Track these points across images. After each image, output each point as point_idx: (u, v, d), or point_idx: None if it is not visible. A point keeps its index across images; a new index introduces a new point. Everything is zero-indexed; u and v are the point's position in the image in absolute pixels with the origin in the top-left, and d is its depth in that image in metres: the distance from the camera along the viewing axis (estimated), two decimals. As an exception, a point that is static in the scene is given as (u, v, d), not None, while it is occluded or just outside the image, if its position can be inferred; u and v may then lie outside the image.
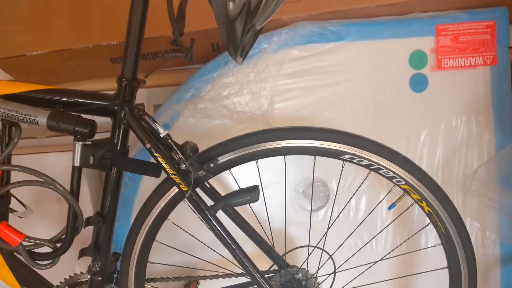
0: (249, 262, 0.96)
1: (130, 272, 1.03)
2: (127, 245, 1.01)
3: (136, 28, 0.89)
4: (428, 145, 1.28)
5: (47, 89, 0.93)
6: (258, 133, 0.95)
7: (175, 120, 1.23)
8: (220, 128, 1.23)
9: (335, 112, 1.25)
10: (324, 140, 0.94)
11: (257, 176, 1.00)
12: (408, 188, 0.96)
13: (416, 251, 1.20)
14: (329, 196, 1.28)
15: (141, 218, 0.99)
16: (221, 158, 0.95)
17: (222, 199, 0.95)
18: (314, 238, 1.11)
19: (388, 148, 0.95)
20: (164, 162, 0.92)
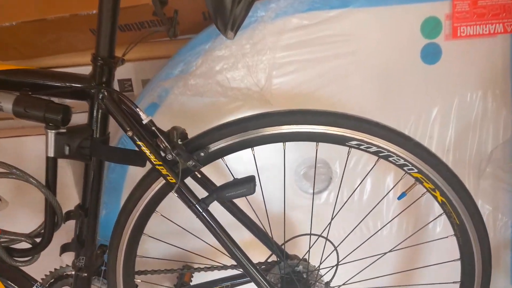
0: (244, 257, 0.87)
1: (118, 267, 0.93)
2: (113, 240, 0.91)
3: (110, -5, 0.76)
4: (440, 122, 1.16)
5: (12, 70, 0.81)
6: (254, 117, 0.83)
7: (164, 98, 1.10)
8: (213, 106, 1.11)
9: (339, 87, 1.13)
10: (328, 125, 0.82)
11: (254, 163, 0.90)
12: (421, 176, 0.86)
13: (426, 242, 1.09)
14: (332, 178, 1.18)
15: (127, 211, 0.89)
16: (212, 146, 0.83)
17: (214, 192, 0.84)
18: (316, 223, 1.01)
19: (400, 133, 0.84)
20: (149, 152, 0.81)
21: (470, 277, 0.93)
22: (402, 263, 1.23)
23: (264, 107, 1.12)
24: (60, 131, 0.80)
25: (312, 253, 1.00)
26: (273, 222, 1.03)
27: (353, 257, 1.01)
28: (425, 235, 1.21)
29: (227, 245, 0.86)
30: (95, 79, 0.80)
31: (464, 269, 0.93)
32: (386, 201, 1.19)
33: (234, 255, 0.87)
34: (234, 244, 0.87)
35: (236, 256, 0.87)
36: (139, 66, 1.28)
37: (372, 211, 1.18)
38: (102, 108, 0.81)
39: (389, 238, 1.19)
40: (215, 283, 1.02)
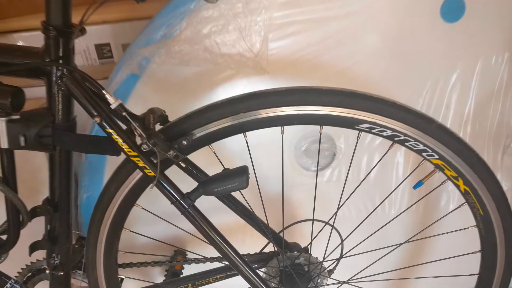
0: (238, 258, 0.75)
1: (98, 264, 0.81)
2: (90, 235, 0.78)
3: None
4: (459, 89, 1.00)
5: (-50, 45, 0.65)
6: (246, 98, 0.68)
7: (144, 68, 0.94)
8: (201, 76, 0.95)
9: (346, 51, 0.95)
10: (335, 106, 0.67)
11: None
12: (442, 163, 0.72)
13: (441, 234, 0.96)
14: (335, 154, 1.04)
15: (102, 206, 0.75)
16: (197, 132, 0.69)
17: (201, 186, 0.70)
18: (319, 203, 0.88)
19: (420, 115, 0.69)
20: (121, 141, 0.66)
21: (490, 270, 0.81)
22: (412, 251, 1.12)
23: (260, 75, 0.96)
24: (12, 118, 0.65)
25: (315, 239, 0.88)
26: (270, 205, 0.90)
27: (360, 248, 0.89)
28: (436, 214, 1.09)
29: (216, 243, 0.74)
30: (49, 54, 0.64)
31: (484, 262, 0.81)
32: (395, 178, 1.05)
33: (223, 252, 0.75)
34: (223, 240, 0.75)
35: (226, 253, 0.75)
36: (119, 28, 1.10)
37: (381, 190, 1.07)
38: (62, 89, 0.66)
39: (398, 222, 1.06)
40: (208, 274, 0.91)
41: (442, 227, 1.09)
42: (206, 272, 0.91)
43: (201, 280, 0.91)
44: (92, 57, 1.12)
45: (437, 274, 1.00)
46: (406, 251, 1.12)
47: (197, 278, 0.91)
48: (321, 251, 0.89)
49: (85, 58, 1.11)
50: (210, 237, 0.73)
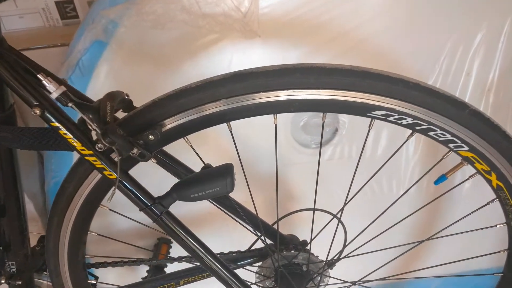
0: (221, 266, 0.62)
1: (62, 271, 0.68)
2: (49, 243, 0.64)
3: None
4: (482, 53, 0.83)
5: None
6: (229, 80, 0.51)
7: (111, 33, 0.76)
8: (179, 42, 0.77)
9: (351, 9, 0.77)
10: (343, 89, 0.51)
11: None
12: (472, 155, 0.57)
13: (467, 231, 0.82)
14: (338, 129, 0.88)
15: (60, 209, 0.61)
16: (168, 122, 0.53)
17: (174, 190, 0.55)
18: (319, 184, 0.74)
19: (450, 99, 0.53)
20: (71, 138, 0.51)
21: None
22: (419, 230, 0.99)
23: (249, 40, 0.78)
24: None
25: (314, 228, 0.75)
26: (263, 189, 0.77)
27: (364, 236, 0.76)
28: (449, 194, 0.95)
29: (195, 252, 0.60)
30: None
31: (511, 261, 0.69)
32: (405, 157, 0.91)
33: (206, 264, 0.61)
34: (205, 249, 0.61)
35: (210, 265, 0.61)
36: (83, -18, 0.91)
37: (389, 170, 0.92)
38: (-12, 72, 0.50)
39: (406, 198, 0.93)
40: (193, 272, 0.78)
41: (456, 207, 0.96)
42: (191, 269, 0.78)
43: (186, 278, 0.78)
44: (54, 17, 0.92)
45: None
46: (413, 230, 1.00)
47: (182, 276, 0.78)
48: (320, 241, 0.76)
49: (45, 19, 0.92)
50: (188, 246, 0.59)
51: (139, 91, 0.77)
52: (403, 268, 0.99)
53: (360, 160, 0.65)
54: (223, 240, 0.94)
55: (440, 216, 0.98)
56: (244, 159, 0.82)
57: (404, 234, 1.00)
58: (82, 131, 0.52)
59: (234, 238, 0.93)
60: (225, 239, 0.94)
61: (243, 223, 0.72)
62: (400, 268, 0.99)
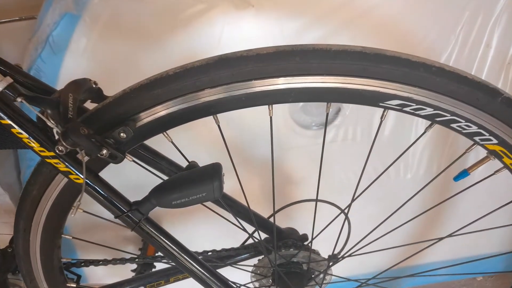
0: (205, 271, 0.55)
1: (37, 275, 0.61)
2: (18, 248, 0.56)
3: None
4: (504, 23, 0.73)
5: None
6: (214, 65, 0.42)
7: (84, 4, 0.65)
8: (162, 13, 0.66)
9: (356, -27, 0.67)
10: (352, 75, 0.42)
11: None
12: (501, 149, 0.48)
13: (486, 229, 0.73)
14: (341, 109, 0.79)
15: (26, 214, 0.53)
16: (144, 116, 0.44)
17: (152, 195, 0.47)
18: (317, 166, 0.65)
19: (480, 85, 0.43)
20: (26, 138, 0.42)
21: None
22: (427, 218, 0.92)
23: (242, 11, 0.68)
24: None
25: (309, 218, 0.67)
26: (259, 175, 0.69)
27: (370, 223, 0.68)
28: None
29: (177, 259, 0.53)
30: None
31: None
32: (414, 138, 0.82)
33: (189, 270, 0.54)
34: (187, 254, 0.53)
35: (193, 270, 0.54)
36: None
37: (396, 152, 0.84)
38: None
39: (414, 182, 0.85)
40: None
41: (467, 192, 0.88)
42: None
43: (176, 275, 0.71)
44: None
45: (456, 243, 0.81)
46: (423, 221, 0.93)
47: (172, 274, 0.71)
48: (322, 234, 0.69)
49: (11, -13, 0.81)
50: (169, 252, 0.52)
51: (120, 71, 0.68)
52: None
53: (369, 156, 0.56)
54: (220, 232, 0.87)
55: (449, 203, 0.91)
56: (240, 143, 0.74)
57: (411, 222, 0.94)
58: (41, 129, 0.43)
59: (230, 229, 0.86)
60: (222, 232, 0.86)
61: (233, 220, 0.65)
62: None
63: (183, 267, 0.54)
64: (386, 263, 0.77)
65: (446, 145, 0.83)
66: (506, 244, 0.96)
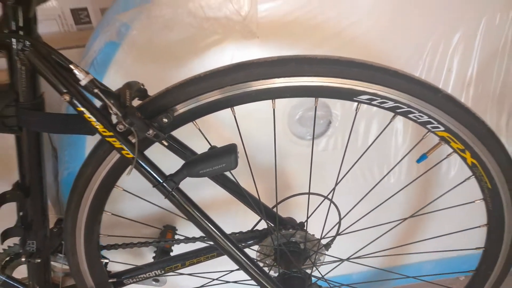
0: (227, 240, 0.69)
1: (78, 251, 0.75)
2: (67, 223, 0.71)
3: None
4: (461, 50, 0.91)
5: None
6: (232, 69, 0.60)
7: (124, 35, 0.84)
8: (185, 42, 0.85)
9: (342, 11, 0.85)
10: (332, 76, 0.59)
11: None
12: (448, 135, 0.65)
13: (445, 208, 0.90)
14: (331, 121, 0.96)
15: (79, 190, 0.68)
16: (179, 108, 0.61)
17: (185, 167, 0.63)
18: (314, 174, 0.81)
19: (425, 84, 0.61)
20: (94, 120, 0.58)
21: (496, 244, 0.76)
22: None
23: (249, 41, 0.87)
24: (-31, 97, 0.57)
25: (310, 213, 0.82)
26: (263, 177, 0.84)
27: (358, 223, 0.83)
28: (437, 181, 1.03)
29: (204, 227, 0.68)
30: (7, 25, 0.55)
31: (491, 236, 0.76)
32: (394, 146, 0.98)
33: (213, 237, 0.69)
34: (212, 224, 0.68)
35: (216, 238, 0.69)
36: (96, -9, 1.00)
37: (380, 158, 1.00)
38: (25, 64, 0.57)
39: (397, 185, 1.01)
40: (199, 253, 0.85)
41: (445, 196, 1.03)
42: (197, 251, 0.85)
43: (191, 259, 0.85)
44: (69, 23, 1.01)
45: (440, 243, 0.95)
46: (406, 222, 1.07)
47: (187, 258, 0.85)
48: (317, 225, 0.84)
49: (60, 24, 1.01)
50: (197, 221, 0.67)
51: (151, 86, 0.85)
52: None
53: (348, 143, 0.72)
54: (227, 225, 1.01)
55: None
56: (243, 151, 0.89)
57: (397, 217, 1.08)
58: (104, 115, 0.59)
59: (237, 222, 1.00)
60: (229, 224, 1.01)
61: (247, 205, 0.80)
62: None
63: (207, 234, 0.68)
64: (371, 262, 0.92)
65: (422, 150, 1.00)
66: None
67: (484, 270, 0.80)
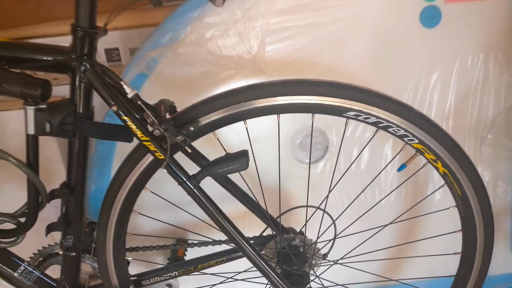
0: (239, 235, 0.83)
1: (107, 247, 0.89)
2: (101, 220, 0.86)
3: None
4: (440, 88, 1.10)
5: (-14, 42, 0.74)
6: (245, 89, 0.77)
7: (152, 68, 1.03)
8: (204, 76, 1.04)
9: (335, 53, 1.05)
10: (324, 95, 0.76)
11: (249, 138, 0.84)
12: (422, 147, 0.80)
13: (426, 214, 1.05)
14: (328, 147, 1.12)
15: (114, 189, 0.83)
16: (202, 120, 0.77)
17: (205, 168, 0.78)
18: (313, 194, 0.96)
19: (400, 103, 0.78)
20: (135, 127, 0.75)
21: (472, 248, 0.89)
22: (402, 234, 1.20)
23: (258, 75, 1.05)
24: (40, 107, 0.74)
25: (310, 225, 0.96)
26: (268, 194, 0.98)
27: (352, 230, 0.97)
28: (425, 206, 1.17)
29: (219, 222, 0.81)
30: (75, 51, 0.73)
31: (466, 241, 0.89)
32: (385, 170, 1.14)
33: (227, 232, 0.82)
34: (227, 220, 0.82)
35: (229, 233, 0.82)
36: (127, 34, 1.19)
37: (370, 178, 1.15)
38: (84, 82, 0.75)
39: (388, 209, 1.15)
40: (210, 258, 0.98)
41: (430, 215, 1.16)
42: (208, 256, 0.99)
43: (203, 263, 0.98)
44: (102, 60, 1.20)
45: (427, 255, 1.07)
46: (398, 233, 1.20)
47: (199, 262, 0.98)
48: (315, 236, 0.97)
49: (95, 62, 1.20)
50: (214, 216, 0.81)
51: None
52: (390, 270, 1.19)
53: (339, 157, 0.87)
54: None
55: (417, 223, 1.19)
56: (251, 173, 1.05)
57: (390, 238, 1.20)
58: (142, 124, 0.76)
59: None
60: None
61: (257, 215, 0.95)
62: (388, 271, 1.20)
63: (224, 230, 0.82)
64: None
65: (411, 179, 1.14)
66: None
67: (464, 274, 0.92)
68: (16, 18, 1.11)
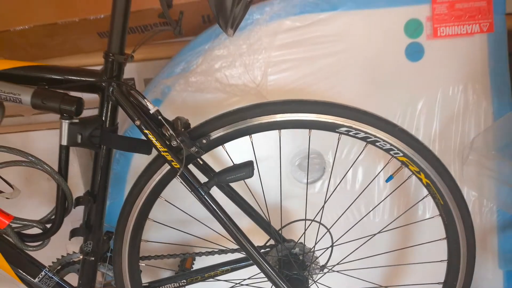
0: (245, 238, 0.93)
1: (123, 252, 0.99)
2: (119, 225, 0.97)
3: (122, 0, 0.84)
4: (425, 114, 1.23)
5: (31, 66, 0.88)
6: (251, 107, 0.90)
7: (166, 95, 1.17)
8: (212, 102, 1.18)
9: (330, 83, 1.20)
10: (319, 113, 0.89)
11: (252, 151, 0.96)
12: (406, 160, 0.92)
13: (414, 223, 1.16)
14: (325, 168, 1.25)
15: (133, 197, 0.95)
16: (213, 134, 0.90)
17: (215, 176, 0.90)
18: (311, 211, 1.08)
19: (385, 120, 0.91)
20: (155, 139, 0.87)
21: (456, 255, 0.99)
22: (396, 243, 1.29)
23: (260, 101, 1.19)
24: (73, 121, 0.87)
25: (308, 238, 1.07)
26: (270, 210, 1.09)
27: (346, 239, 1.08)
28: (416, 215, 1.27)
29: (228, 227, 0.92)
30: (106, 74, 0.87)
31: (450, 248, 0.99)
32: (377, 187, 1.25)
33: (235, 236, 0.93)
34: (235, 226, 0.93)
35: (238, 238, 0.93)
36: (142, 66, 1.35)
37: (364, 197, 1.26)
38: (112, 100, 0.88)
39: (381, 223, 1.25)
40: (216, 267, 1.08)
41: (424, 225, 1.26)
42: (214, 266, 1.08)
43: (209, 272, 1.07)
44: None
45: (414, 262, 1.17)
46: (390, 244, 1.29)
47: (206, 271, 1.08)
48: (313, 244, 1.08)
49: (112, 92, 1.35)
50: (223, 221, 0.92)
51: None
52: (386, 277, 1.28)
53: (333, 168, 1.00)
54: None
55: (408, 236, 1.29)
56: (254, 193, 1.16)
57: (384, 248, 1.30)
58: (161, 136, 0.88)
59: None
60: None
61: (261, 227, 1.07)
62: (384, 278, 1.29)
63: (232, 235, 0.93)
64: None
65: (402, 196, 1.25)
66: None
67: (450, 281, 1.02)
68: (46, 50, 1.26)
